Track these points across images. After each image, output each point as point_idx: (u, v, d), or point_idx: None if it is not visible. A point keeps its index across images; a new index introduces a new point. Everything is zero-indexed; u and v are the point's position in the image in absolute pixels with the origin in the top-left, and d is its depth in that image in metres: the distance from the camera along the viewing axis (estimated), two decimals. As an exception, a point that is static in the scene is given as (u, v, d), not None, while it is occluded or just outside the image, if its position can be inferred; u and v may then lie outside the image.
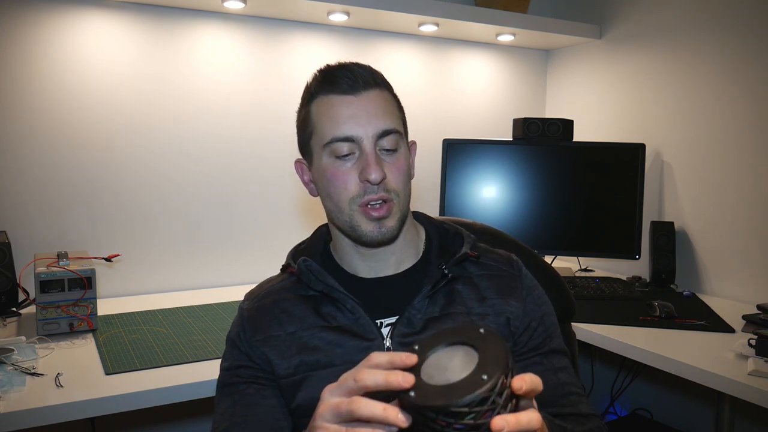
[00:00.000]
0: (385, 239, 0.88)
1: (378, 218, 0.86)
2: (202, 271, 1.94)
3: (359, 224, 0.87)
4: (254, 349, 0.90)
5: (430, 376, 0.57)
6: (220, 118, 1.94)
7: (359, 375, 0.59)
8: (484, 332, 0.58)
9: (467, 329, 0.60)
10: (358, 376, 0.59)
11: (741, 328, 1.54)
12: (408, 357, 0.58)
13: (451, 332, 0.60)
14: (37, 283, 1.36)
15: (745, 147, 1.84)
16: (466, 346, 0.58)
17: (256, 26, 1.97)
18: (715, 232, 1.92)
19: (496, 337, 0.58)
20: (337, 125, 0.86)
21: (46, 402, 1.07)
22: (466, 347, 0.58)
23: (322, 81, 0.89)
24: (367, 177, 0.84)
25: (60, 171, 1.73)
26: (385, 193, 0.86)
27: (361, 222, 0.87)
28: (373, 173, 0.84)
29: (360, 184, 0.86)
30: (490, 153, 2.07)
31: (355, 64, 0.89)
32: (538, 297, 0.95)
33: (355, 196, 0.86)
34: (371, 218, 0.86)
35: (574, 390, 0.91)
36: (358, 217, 0.87)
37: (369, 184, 0.85)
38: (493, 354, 0.56)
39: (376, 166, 0.84)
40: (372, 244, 0.89)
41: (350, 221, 0.87)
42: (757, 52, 1.80)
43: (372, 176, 0.84)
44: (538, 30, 2.17)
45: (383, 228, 0.86)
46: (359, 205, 0.86)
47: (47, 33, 1.69)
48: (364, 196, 0.85)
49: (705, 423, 1.99)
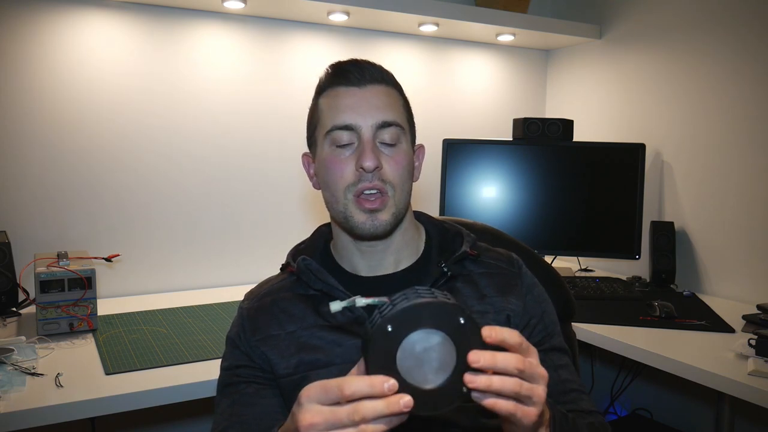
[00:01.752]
0: (377, 232, 0.87)
1: (371, 210, 0.86)
2: (202, 271, 1.94)
3: (352, 215, 0.87)
4: (254, 349, 0.90)
5: (408, 371, 0.59)
6: (219, 117, 1.94)
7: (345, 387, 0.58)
8: (463, 322, 0.59)
9: (447, 313, 0.60)
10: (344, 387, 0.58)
11: (741, 328, 1.54)
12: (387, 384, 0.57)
13: (430, 314, 0.60)
14: (37, 283, 1.36)
15: (745, 147, 1.84)
16: (444, 334, 0.59)
17: (256, 26, 1.97)
18: (715, 232, 1.92)
19: (475, 330, 0.59)
20: (338, 114, 0.87)
21: (46, 402, 1.07)
22: (444, 336, 0.59)
23: (333, 74, 0.91)
24: (362, 164, 0.85)
25: (60, 171, 1.73)
26: (379, 183, 0.86)
27: (355, 213, 0.87)
28: (367, 160, 0.84)
29: (356, 172, 0.86)
30: (490, 153, 2.07)
31: (366, 61, 0.91)
32: (538, 295, 0.95)
33: (350, 184, 0.87)
34: (364, 209, 0.86)
35: (575, 387, 0.91)
36: (351, 208, 0.87)
37: (364, 173, 0.85)
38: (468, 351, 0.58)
39: (371, 153, 0.85)
40: (364, 236, 0.89)
41: (344, 211, 0.88)
42: (757, 52, 1.80)
43: (366, 163, 0.84)
44: (538, 30, 2.17)
45: (376, 221, 0.87)
46: (354, 194, 0.86)
47: (47, 33, 1.69)
48: (359, 184, 0.86)
49: (705, 423, 1.98)
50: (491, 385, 0.58)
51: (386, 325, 0.59)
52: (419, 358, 0.59)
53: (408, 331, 0.59)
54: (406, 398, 0.57)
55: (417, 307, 0.59)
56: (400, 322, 0.59)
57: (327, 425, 0.58)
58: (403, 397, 0.57)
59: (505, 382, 0.59)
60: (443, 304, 0.60)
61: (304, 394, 0.61)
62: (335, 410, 0.58)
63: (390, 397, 0.57)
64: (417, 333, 0.59)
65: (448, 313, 0.59)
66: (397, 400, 0.57)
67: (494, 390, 0.59)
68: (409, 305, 0.59)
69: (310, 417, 0.59)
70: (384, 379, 0.57)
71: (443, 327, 0.59)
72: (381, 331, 0.59)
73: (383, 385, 0.57)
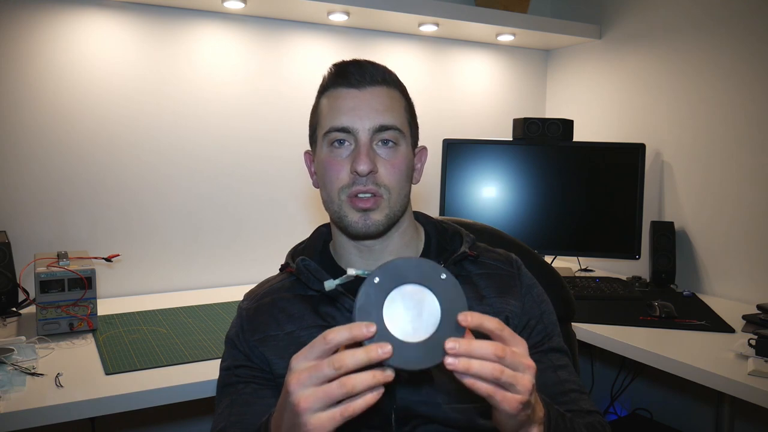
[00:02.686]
0: (369, 232, 0.88)
1: (364, 209, 0.87)
2: (202, 271, 1.94)
3: (346, 215, 0.88)
4: (253, 349, 0.90)
5: (394, 324, 0.61)
6: (219, 117, 1.94)
7: (328, 336, 0.60)
8: (445, 278, 0.63)
9: (429, 269, 0.63)
10: (328, 336, 0.60)
11: (741, 328, 1.54)
12: (367, 328, 0.59)
13: (414, 268, 0.63)
14: (37, 283, 1.36)
15: (745, 147, 1.84)
16: (428, 290, 0.62)
17: (256, 26, 1.97)
18: (715, 232, 1.92)
19: (456, 287, 0.63)
20: (337, 116, 0.87)
21: (46, 402, 1.07)
22: (428, 291, 0.62)
23: (335, 74, 0.91)
24: (356, 168, 0.85)
25: (60, 171, 1.73)
26: (373, 187, 0.86)
27: (348, 212, 0.88)
28: (361, 164, 0.85)
29: (351, 174, 0.87)
30: (490, 153, 2.07)
31: (369, 61, 0.91)
32: (537, 295, 0.95)
33: (344, 186, 0.87)
34: (357, 209, 0.87)
35: (575, 387, 0.91)
36: (345, 208, 0.88)
37: (358, 176, 0.86)
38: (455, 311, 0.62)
39: (365, 158, 0.85)
40: (357, 235, 0.90)
41: (339, 211, 0.89)
42: (757, 52, 1.80)
43: (359, 167, 0.85)
44: (538, 30, 2.17)
45: (368, 220, 0.87)
46: (348, 195, 0.87)
47: (47, 33, 1.69)
48: (353, 186, 0.87)
49: (705, 423, 1.98)
50: (470, 368, 0.59)
51: (374, 277, 0.62)
52: (404, 311, 0.62)
53: (394, 284, 0.62)
54: (386, 347, 0.58)
55: (402, 261, 0.63)
56: (387, 275, 0.62)
57: (311, 379, 0.59)
58: (383, 345, 0.58)
59: (484, 366, 0.59)
60: (426, 261, 0.64)
61: (293, 358, 0.62)
62: (318, 363, 0.59)
63: (370, 345, 0.58)
64: (404, 287, 0.62)
65: (431, 268, 0.63)
66: (376, 347, 0.57)
67: (473, 373, 0.59)
68: (395, 260, 0.63)
69: (297, 375, 0.60)
70: (365, 324, 0.59)
71: (426, 282, 0.62)
72: (369, 282, 0.62)
73: (362, 329, 0.58)
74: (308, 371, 0.59)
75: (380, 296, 0.62)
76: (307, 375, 0.59)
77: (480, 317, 0.62)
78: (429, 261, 0.64)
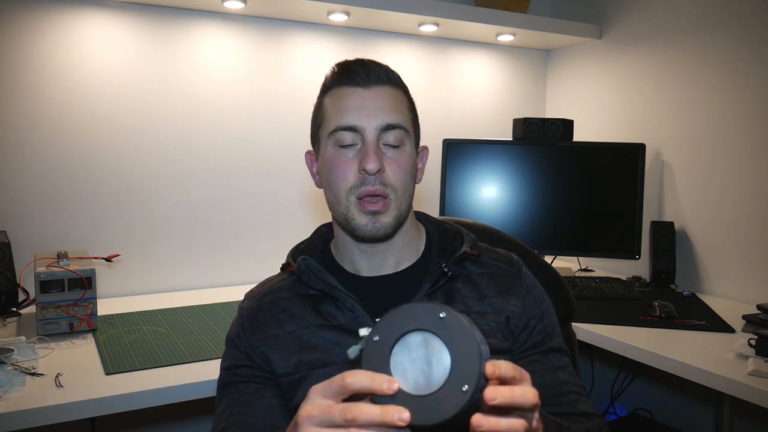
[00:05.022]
0: (378, 234, 0.87)
1: (373, 212, 0.86)
2: (202, 271, 1.94)
3: (354, 217, 0.87)
4: (253, 349, 0.90)
5: (405, 380, 0.57)
6: (219, 117, 1.94)
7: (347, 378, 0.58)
8: (445, 317, 0.58)
9: (425, 312, 0.59)
10: (347, 379, 0.58)
11: (741, 328, 1.54)
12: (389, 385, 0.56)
13: (410, 315, 0.59)
14: (37, 283, 1.36)
15: (745, 147, 1.84)
16: (430, 334, 0.58)
17: (256, 26, 1.97)
18: (715, 232, 1.92)
19: (458, 323, 0.58)
20: (343, 115, 0.87)
21: (46, 402, 1.07)
22: (431, 336, 0.58)
23: (338, 74, 0.90)
24: (364, 167, 0.84)
25: (60, 171, 1.73)
26: (381, 187, 0.86)
27: (356, 215, 0.87)
28: (370, 163, 0.84)
29: (358, 174, 0.86)
30: (490, 153, 2.07)
31: (373, 61, 0.91)
32: (537, 296, 0.95)
33: (352, 186, 0.86)
34: (366, 212, 0.86)
35: (574, 389, 0.91)
36: (353, 210, 0.87)
37: (366, 175, 0.85)
38: (465, 351, 0.57)
39: (374, 156, 0.85)
40: (365, 238, 0.89)
41: (346, 213, 0.88)
42: (757, 52, 1.80)
43: (369, 166, 0.84)
44: (538, 30, 2.17)
45: (377, 223, 0.86)
46: (356, 197, 0.86)
47: (47, 33, 1.69)
48: (361, 187, 0.86)
49: (705, 423, 1.98)
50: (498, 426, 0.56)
51: (373, 335, 0.60)
52: (411, 363, 0.58)
53: (394, 338, 0.59)
54: (404, 413, 0.54)
55: (397, 311, 0.60)
56: (385, 331, 0.59)
57: (321, 420, 0.57)
58: (401, 411, 0.54)
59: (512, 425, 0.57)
60: (420, 305, 0.59)
61: (312, 389, 0.61)
62: (332, 405, 0.58)
63: (388, 406, 0.55)
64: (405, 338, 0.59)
65: (427, 311, 0.59)
66: (393, 412, 0.54)
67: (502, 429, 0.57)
68: (389, 313, 0.60)
69: (310, 408, 0.58)
70: (388, 379, 0.56)
71: (427, 327, 0.58)
72: (368, 342, 0.59)
73: (383, 385, 0.55)
74: (320, 410, 0.58)
75: (384, 355, 0.59)
76: (318, 414, 0.58)
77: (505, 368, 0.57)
78: (423, 303, 0.60)
